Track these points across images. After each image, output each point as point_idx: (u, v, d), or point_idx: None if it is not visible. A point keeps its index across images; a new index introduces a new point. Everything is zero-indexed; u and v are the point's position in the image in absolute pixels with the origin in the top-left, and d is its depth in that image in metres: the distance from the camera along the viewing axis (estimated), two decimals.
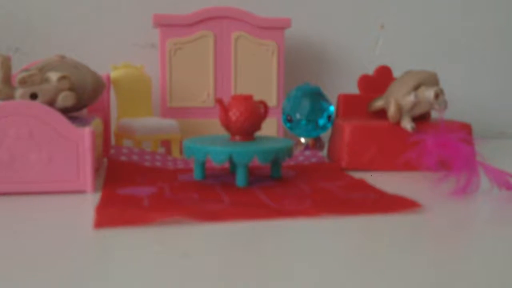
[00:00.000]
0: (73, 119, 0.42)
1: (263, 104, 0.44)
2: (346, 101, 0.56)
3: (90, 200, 0.37)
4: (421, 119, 0.51)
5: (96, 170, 0.44)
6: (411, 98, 0.49)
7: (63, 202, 0.36)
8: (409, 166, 0.49)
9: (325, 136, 0.58)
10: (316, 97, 0.55)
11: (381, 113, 0.54)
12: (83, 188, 0.39)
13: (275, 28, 0.61)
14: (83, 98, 0.43)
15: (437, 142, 0.42)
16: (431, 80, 0.50)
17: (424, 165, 0.41)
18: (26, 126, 0.37)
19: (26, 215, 0.33)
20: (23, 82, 0.40)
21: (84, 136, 0.38)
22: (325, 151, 0.57)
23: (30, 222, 0.32)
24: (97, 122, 0.45)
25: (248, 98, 0.43)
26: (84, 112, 0.53)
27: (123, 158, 0.49)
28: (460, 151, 0.40)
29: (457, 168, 0.39)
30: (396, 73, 0.56)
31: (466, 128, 0.50)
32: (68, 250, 0.27)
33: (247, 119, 0.42)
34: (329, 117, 0.55)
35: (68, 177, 0.38)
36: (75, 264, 0.25)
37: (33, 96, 0.40)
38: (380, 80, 0.56)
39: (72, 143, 0.38)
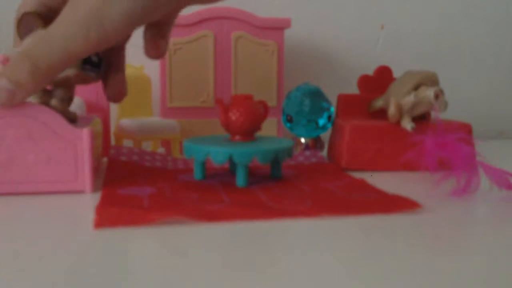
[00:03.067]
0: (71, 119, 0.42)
1: (263, 104, 0.44)
2: (346, 101, 0.56)
3: (89, 200, 0.37)
4: (421, 119, 0.51)
5: (95, 170, 0.44)
6: (411, 98, 0.48)
7: (62, 202, 0.36)
8: (409, 166, 0.49)
9: (325, 136, 0.58)
10: (316, 97, 0.55)
11: (381, 113, 0.54)
12: (81, 188, 0.39)
13: (275, 28, 0.61)
14: None
15: (436, 142, 0.41)
16: (431, 80, 0.50)
17: (424, 166, 0.41)
18: (24, 127, 0.37)
19: (25, 215, 0.33)
20: None
21: (82, 136, 0.38)
22: (325, 151, 0.57)
23: (28, 222, 0.32)
24: (96, 122, 0.45)
25: (248, 98, 0.43)
26: (84, 112, 0.53)
27: (123, 158, 0.49)
28: (459, 151, 0.40)
29: (457, 168, 0.39)
30: (396, 73, 0.56)
31: (466, 128, 0.50)
32: (67, 250, 0.27)
33: (247, 119, 0.42)
34: (329, 117, 0.55)
35: (67, 177, 0.38)
36: (75, 264, 0.25)
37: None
38: (380, 80, 0.56)
39: (71, 144, 0.38)
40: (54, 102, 0.40)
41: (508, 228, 0.32)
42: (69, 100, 0.42)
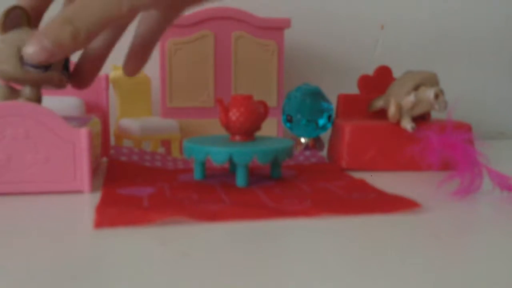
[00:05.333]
0: (70, 119, 0.42)
1: (263, 104, 0.44)
2: (346, 101, 0.56)
3: (88, 200, 0.37)
4: (421, 119, 0.51)
5: (94, 170, 0.44)
6: (411, 98, 0.48)
7: (60, 202, 0.36)
8: (409, 166, 0.49)
9: (325, 136, 0.58)
10: (316, 97, 0.54)
11: (381, 113, 0.54)
12: (80, 188, 0.39)
13: (275, 28, 0.61)
14: None
15: (442, 140, 0.41)
16: (431, 80, 0.50)
17: (427, 162, 0.41)
18: (22, 127, 0.37)
19: (24, 215, 0.33)
20: None
21: (80, 137, 0.38)
22: (325, 151, 0.57)
23: (27, 222, 0.32)
24: (94, 122, 0.45)
25: (248, 98, 0.43)
26: (83, 112, 0.53)
27: (123, 158, 0.49)
28: (466, 153, 0.40)
29: (462, 170, 0.39)
30: (396, 73, 0.56)
31: (466, 128, 0.50)
32: (67, 250, 0.27)
33: (247, 119, 0.42)
34: (329, 117, 0.55)
35: (65, 177, 0.38)
36: (75, 264, 0.25)
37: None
38: (380, 80, 0.56)
39: (69, 144, 0.38)
40: (21, 101, 0.38)
41: (509, 229, 0.32)
42: (37, 101, 0.39)
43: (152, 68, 0.65)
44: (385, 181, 0.44)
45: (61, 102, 0.51)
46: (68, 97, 0.52)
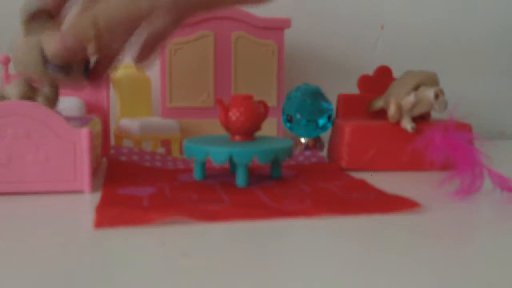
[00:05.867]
0: (71, 119, 0.42)
1: (263, 104, 0.44)
2: (346, 101, 0.56)
3: (89, 200, 0.37)
4: (421, 119, 0.51)
5: (94, 170, 0.44)
6: (411, 98, 0.48)
7: (61, 202, 0.36)
8: (410, 166, 0.49)
9: (325, 136, 0.58)
10: (316, 97, 0.54)
11: (381, 113, 0.54)
12: (80, 188, 0.39)
13: (275, 28, 0.61)
14: None
15: (442, 140, 0.41)
16: (431, 80, 0.50)
17: (429, 160, 0.41)
18: (23, 126, 0.37)
19: (24, 215, 0.33)
20: None
21: (81, 137, 0.38)
22: (325, 151, 0.57)
23: (28, 222, 0.32)
24: (95, 123, 0.45)
25: (248, 98, 0.43)
26: (83, 112, 0.53)
27: (123, 158, 0.49)
28: (465, 153, 0.40)
29: (463, 170, 0.39)
30: (396, 73, 0.56)
31: (466, 128, 0.50)
32: (67, 250, 0.27)
33: (247, 119, 0.42)
34: (329, 117, 0.55)
35: (66, 177, 0.38)
36: (75, 264, 0.25)
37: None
38: (380, 80, 0.56)
39: (70, 144, 0.38)
40: (40, 100, 0.40)
41: (509, 229, 0.32)
42: (55, 99, 0.41)
43: (152, 68, 0.65)
44: (385, 181, 0.44)
45: (61, 102, 0.51)
46: (68, 98, 0.52)
